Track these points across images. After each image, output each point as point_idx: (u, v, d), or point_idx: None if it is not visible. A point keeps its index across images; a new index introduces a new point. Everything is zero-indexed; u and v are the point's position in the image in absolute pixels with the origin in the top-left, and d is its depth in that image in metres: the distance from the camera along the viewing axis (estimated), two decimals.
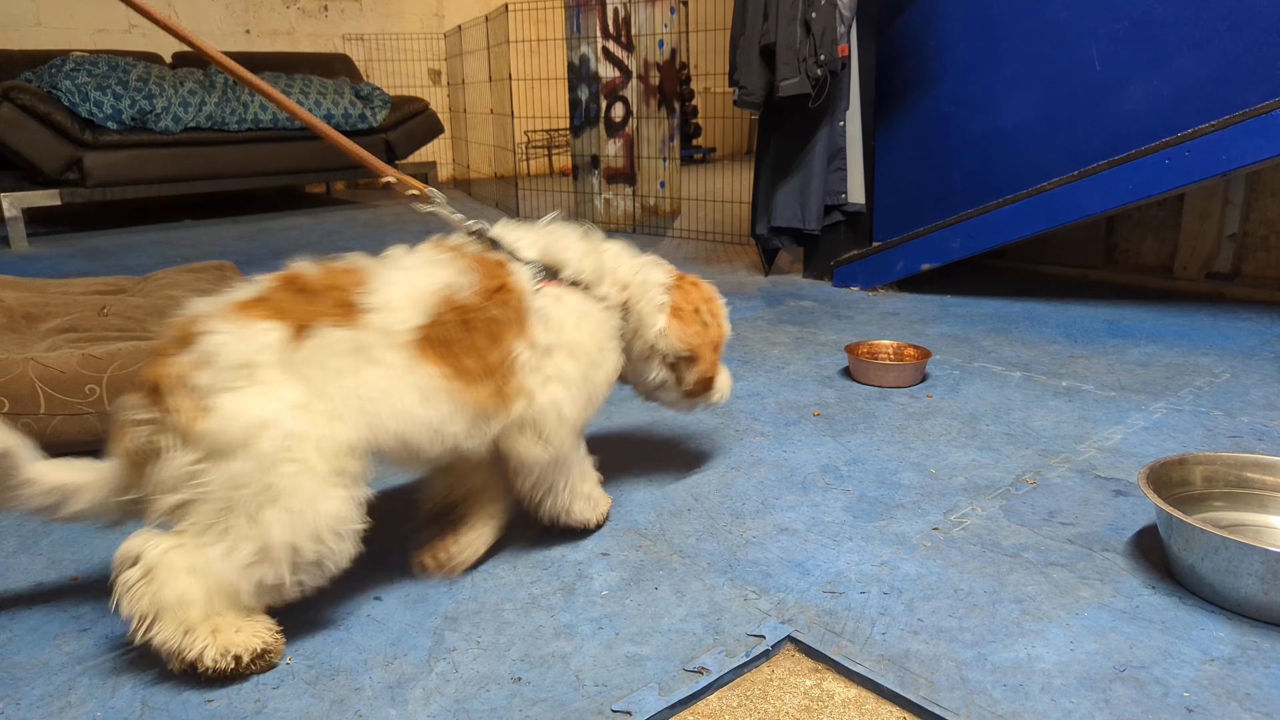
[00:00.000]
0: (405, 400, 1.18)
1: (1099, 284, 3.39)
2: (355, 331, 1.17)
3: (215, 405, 1.08)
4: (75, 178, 5.02)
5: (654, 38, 5.22)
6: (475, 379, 1.23)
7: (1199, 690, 1.08)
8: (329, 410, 1.13)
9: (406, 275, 1.24)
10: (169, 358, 1.12)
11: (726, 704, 1.10)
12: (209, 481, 1.08)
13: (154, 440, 1.10)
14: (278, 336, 1.13)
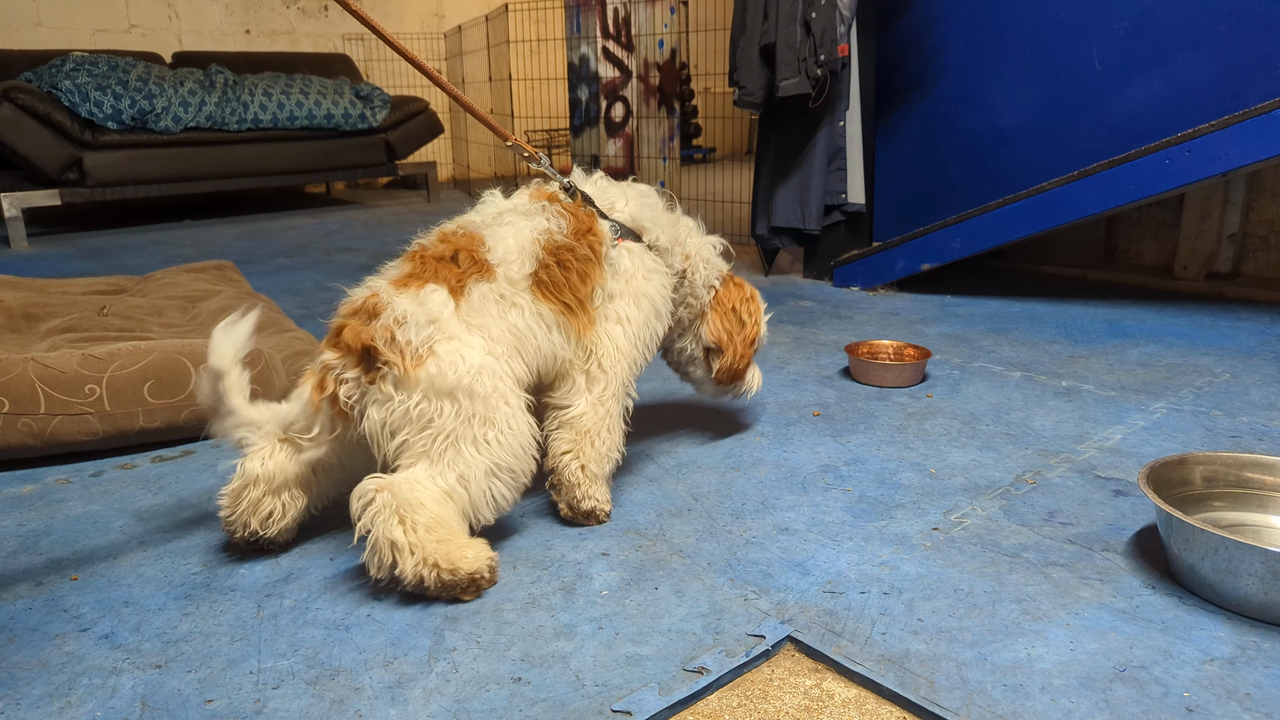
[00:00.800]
0: (539, 334, 1.43)
1: (1099, 284, 3.39)
2: (494, 284, 1.40)
3: (433, 353, 1.30)
4: (75, 178, 5.02)
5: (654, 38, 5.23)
6: (574, 310, 1.48)
7: (1199, 690, 1.08)
8: (503, 352, 1.38)
9: (512, 230, 1.46)
10: (361, 326, 1.33)
11: (726, 704, 1.10)
12: (436, 418, 1.30)
13: (364, 392, 1.32)
14: (445, 296, 1.35)
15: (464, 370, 1.30)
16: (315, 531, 1.54)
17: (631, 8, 5.04)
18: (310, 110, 5.81)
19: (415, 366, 1.29)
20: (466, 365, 1.31)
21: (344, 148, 6.07)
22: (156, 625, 1.26)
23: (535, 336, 1.43)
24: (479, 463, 1.31)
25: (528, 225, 1.47)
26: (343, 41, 7.58)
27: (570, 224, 1.50)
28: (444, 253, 1.41)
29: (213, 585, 1.37)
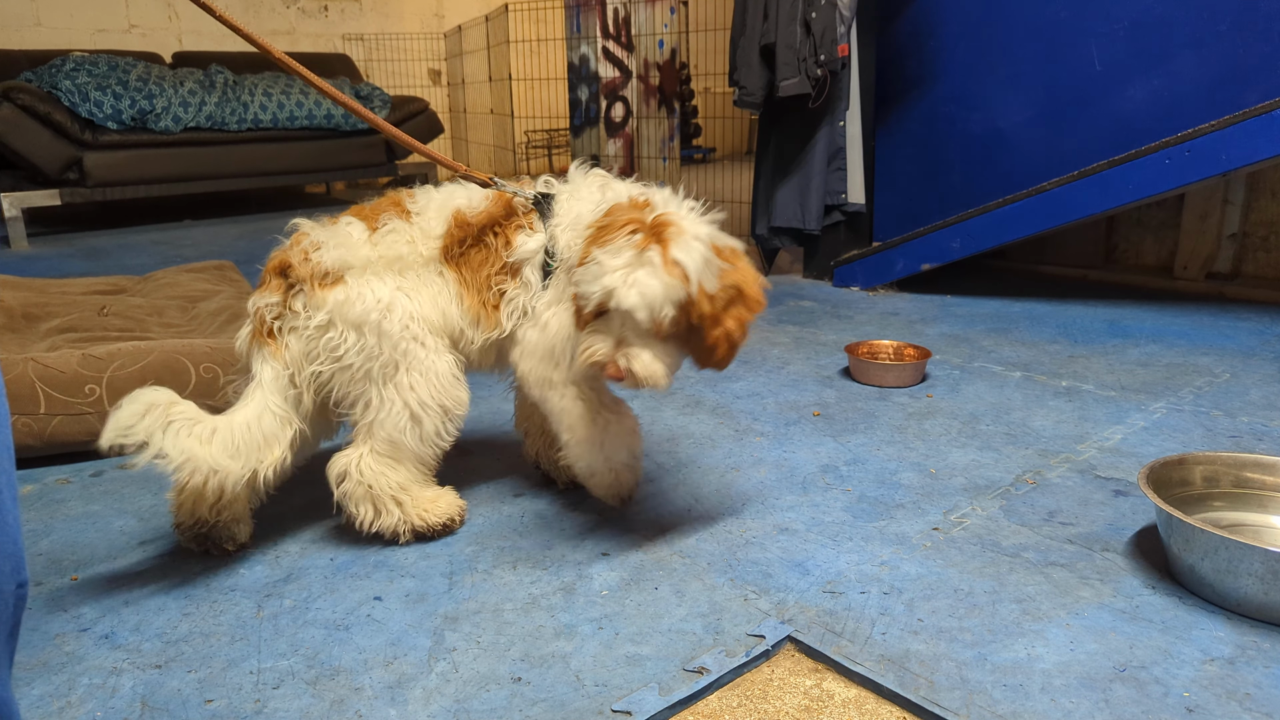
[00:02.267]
0: (439, 288, 1.46)
1: (1099, 284, 3.39)
2: (409, 225, 1.46)
3: (343, 281, 1.39)
4: (75, 178, 5.02)
5: (654, 38, 5.23)
6: (469, 287, 1.47)
7: (1199, 690, 1.08)
8: (414, 292, 1.42)
9: (438, 195, 1.51)
10: (282, 252, 1.43)
11: (726, 704, 1.10)
12: (344, 351, 1.37)
13: (283, 314, 1.40)
14: (361, 228, 1.46)
15: (371, 303, 1.37)
16: (315, 532, 1.54)
17: (631, 8, 5.04)
18: (310, 110, 5.81)
19: (323, 288, 1.38)
20: (375, 298, 1.38)
21: (344, 148, 6.07)
22: (156, 625, 1.26)
23: (436, 289, 1.46)
24: (400, 410, 1.40)
25: (454, 195, 1.51)
26: (343, 41, 7.58)
27: (488, 211, 1.49)
28: (377, 207, 1.52)
29: (213, 585, 1.37)
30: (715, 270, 1.24)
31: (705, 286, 1.23)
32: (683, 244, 1.22)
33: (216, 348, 2.02)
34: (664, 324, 1.23)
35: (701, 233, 1.26)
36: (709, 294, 1.24)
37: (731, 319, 1.28)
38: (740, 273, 1.29)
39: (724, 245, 1.30)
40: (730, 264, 1.28)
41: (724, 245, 1.30)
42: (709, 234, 1.28)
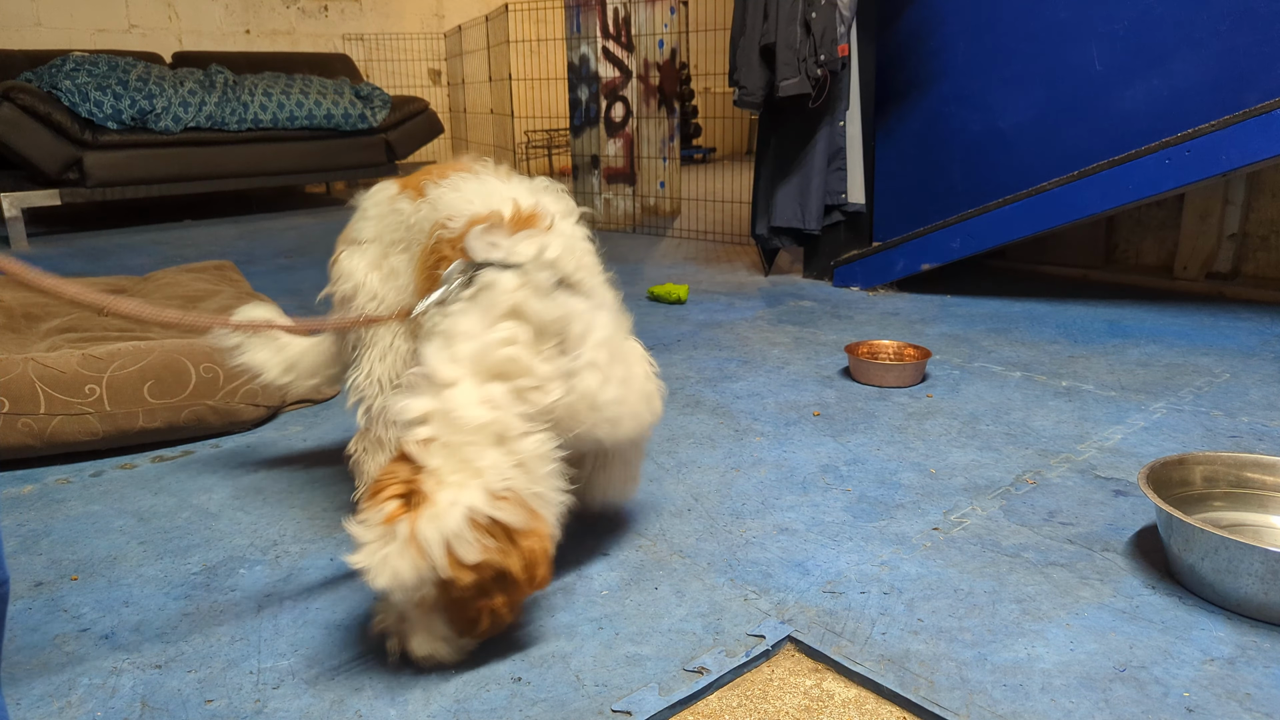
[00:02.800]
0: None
1: (1099, 284, 3.39)
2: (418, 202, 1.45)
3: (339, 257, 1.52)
4: (75, 178, 5.02)
5: (654, 38, 5.22)
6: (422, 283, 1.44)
7: (1199, 690, 1.08)
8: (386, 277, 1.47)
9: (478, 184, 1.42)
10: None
11: (726, 704, 1.10)
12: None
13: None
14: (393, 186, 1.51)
15: (345, 274, 1.48)
16: (315, 531, 1.54)
17: (631, 8, 5.04)
18: (310, 110, 5.81)
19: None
20: (345, 270, 1.48)
21: (344, 148, 6.07)
22: (156, 625, 1.26)
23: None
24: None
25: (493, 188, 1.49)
26: (343, 41, 7.58)
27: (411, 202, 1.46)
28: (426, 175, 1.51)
29: (213, 585, 1.37)
30: (472, 547, 1.02)
31: (459, 557, 1.02)
32: (434, 515, 1.01)
33: (217, 348, 2.02)
34: (427, 601, 1.06)
35: (469, 500, 1.03)
36: (465, 566, 1.03)
37: (499, 598, 1.07)
38: (512, 555, 1.05)
39: (503, 515, 1.05)
40: (503, 541, 1.05)
41: (503, 515, 1.05)
42: (482, 500, 1.04)
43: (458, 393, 1.09)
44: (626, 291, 3.44)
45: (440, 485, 1.04)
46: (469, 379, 1.10)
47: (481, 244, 1.19)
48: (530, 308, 1.14)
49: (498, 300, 1.13)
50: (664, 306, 3.19)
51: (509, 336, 1.12)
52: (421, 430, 1.08)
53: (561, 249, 1.21)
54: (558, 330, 1.15)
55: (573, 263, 1.22)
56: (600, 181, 5.17)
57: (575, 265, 1.22)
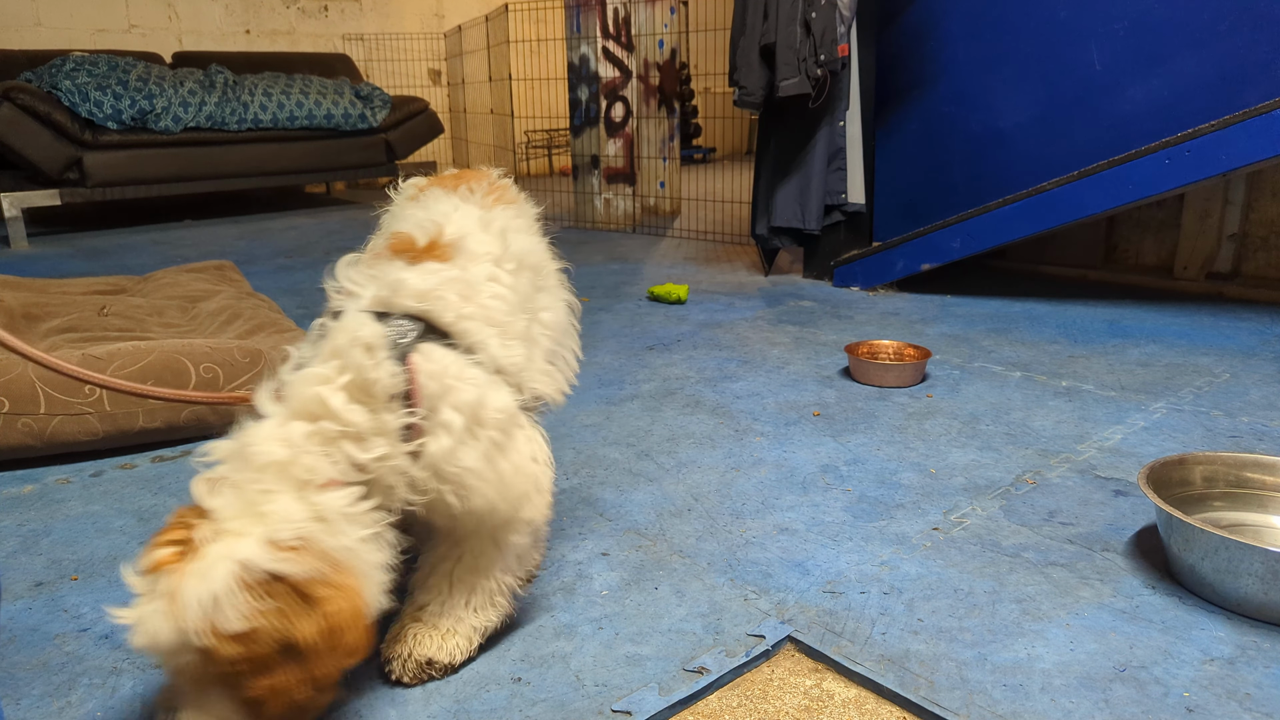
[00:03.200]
0: None
1: (1099, 284, 3.39)
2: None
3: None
4: (75, 178, 5.02)
5: (654, 37, 5.22)
6: None
7: (1199, 690, 1.08)
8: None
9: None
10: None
11: (726, 704, 1.10)
12: None
13: None
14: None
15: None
16: None
17: (631, 8, 5.04)
18: (310, 110, 5.81)
19: None
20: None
21: (344, 148, 6.07)
22: None
23: None
24: None
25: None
26: (343, 41, 7.58)
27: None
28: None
29: None
30: (235, 613, 0.82)
31: (220, 627, 0.82)
32: (198, 571, 0.83)
33: (216, 348, 2.02)
34: (194, 673, 0.86)
35: (242, 553, 0.85)
36: (230, 636, 0.83)
37: (288, 674, 0.86)
38: (303, 621, 0.85)
39: (289, 570, 0.85)
40: (288, 603, 0.85)
41: (289, 570, 0.85)
42: (258, 553, 0.85)
43: (259, 426, 0.95)
44: (627, 291, 3.44)
45: (216, 534, 0.86)
46: (279, 415, 0.96)
47: (343, 275, 1.09)
48: (356, 353, 0.97)
49: (330, 337, 1.00)
50: (664, 306, 3.19)
51: (323, 375, 0.97)
52: (217, 466, 0.94)
53: (449, 293, 1.06)
54: (389, 388, 0.97)
55: (457, 312, 1.06)
56: (600, 181, 5.17)
57: (460, 315, 1.06)
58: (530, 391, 1.15)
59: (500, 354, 1.09)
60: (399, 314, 1.04)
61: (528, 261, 1.23)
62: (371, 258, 1.13)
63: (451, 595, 1.13)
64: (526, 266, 1.22)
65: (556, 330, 1.29)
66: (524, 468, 1.09)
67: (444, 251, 1.12)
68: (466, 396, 1.02)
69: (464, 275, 1.10)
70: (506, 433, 1.07)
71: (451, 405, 1.00)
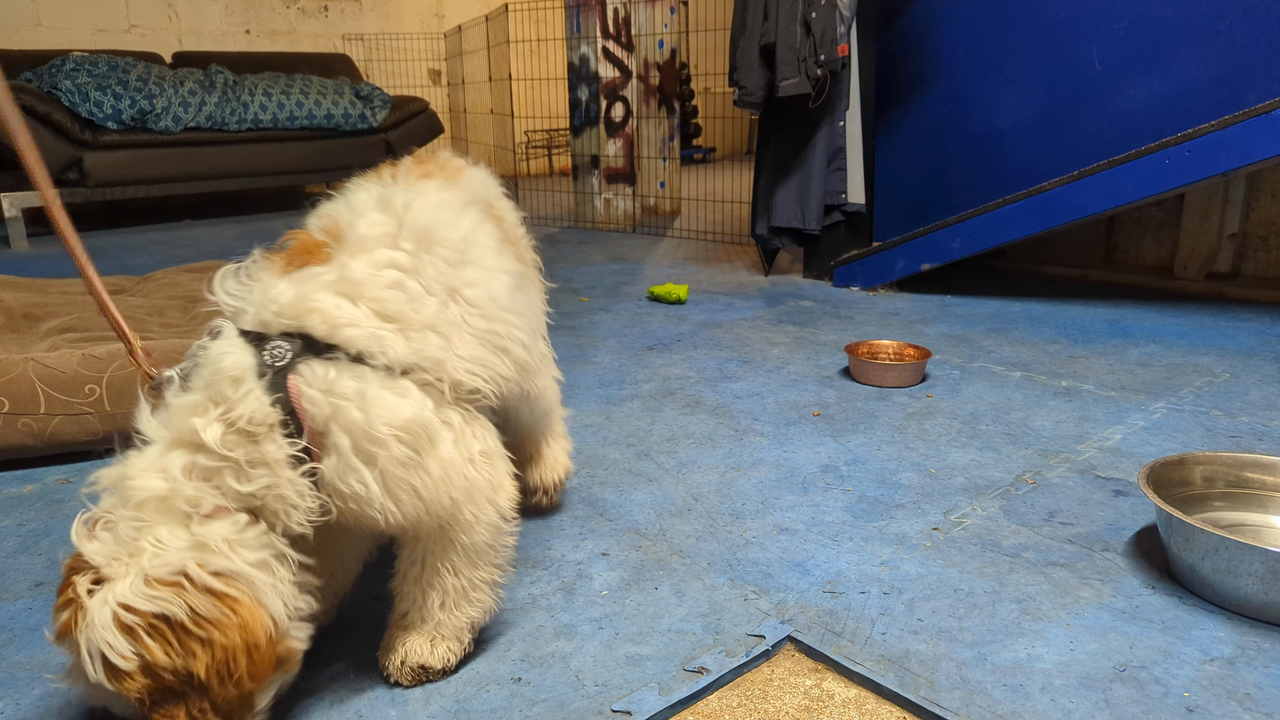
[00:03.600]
0: None
1: (1099, 284, 3.39)
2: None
3: None
4: (75, 177, 5.02)
5: (654, 38, 5.22)
6: None
7: (1199, 690, 1.08)
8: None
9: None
10: None
11: (726, 704, 1.10)
12: None
13: None
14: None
15: None
16: None
17: (631, 8, 5.04)
18: (310, 110, 5.81)
19: None
20: None
21: (344, 148, 6.07)
22: None
23: None
24: None
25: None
26: (343, 41, 7.58)
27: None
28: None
29: None
30: (127, 654, 0.82)
31: (116, 670, 0.83)
32: (88, 624, 0.83)
33: None
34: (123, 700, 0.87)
35: (117, 595, 0.83)
36: (129, 674, 0.83)
37: (195, 703, 0.87)
38: (197, 654, 0.84)
39: (168, 608, 0.83)
40: (174, 637, 0.84)
41: (168, 608, 0.83)
42: (133, 592, 0.83)
43: (140, 456, 0.91)
44: (627, 291, 3.44)
45: (97, 580, 0.85)
46: (160, 443, 0.92)
47: (220, 290, 1.03)
48: (223, 386, 0.92)
49: (201, 366, 0.95)
50: (664, 306, 3.19)
51: (198, 405, 0.92)
52: (99, 503, 0.91)
53: (323, 300, 0.97)
54: (266, 418, 0.92)
55: (332, 321, 0.96)
56: (600, 181, 5.17)
57: (337, 324, 0.96)
58: (453, 384, 1.03)
59: (403, 351, 0.98)
60: (276, 334, 0.95)
61: (437, 235, 1.07)
62: (258, 264, 1.04)
63: (425, 600, 1.10)
64: (437, 241, 1.07)
65: (491, 307, 1.10)
66: (454, 472, 1.01)
67: (325, 250, 1.03)
68: (352, 416, 0.94)
69: (344, 273, 0.99)
70: (415, 443, 0.97)
71: (341, 426, 0.94)
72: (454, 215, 1.12)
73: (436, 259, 1.06)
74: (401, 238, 1.05)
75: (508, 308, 1.13)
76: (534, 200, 6.24)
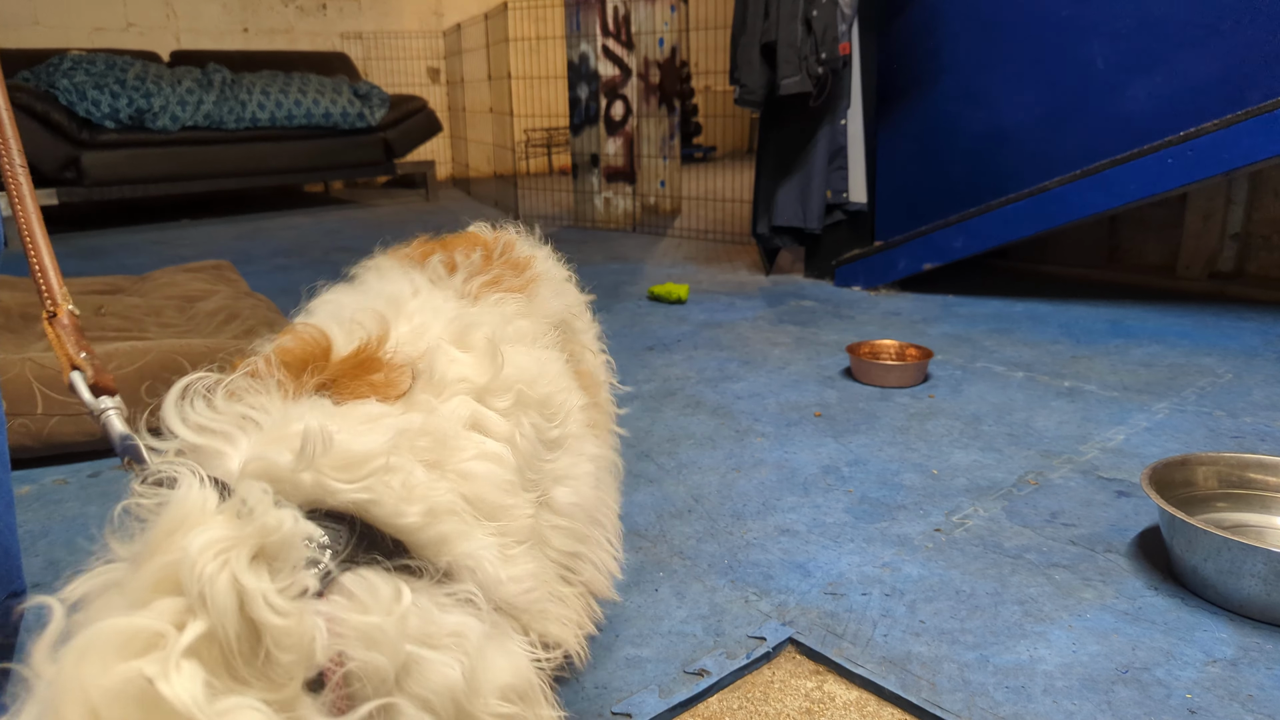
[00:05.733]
0: None
1: (1101, 284, 3.38)
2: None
3: None
4: (73, 177, 5.01)
5: (654, 35, 5.21)
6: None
7: (1201, 692, 1.07)
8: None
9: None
10: None
11: (727, 706, 1.09)
12: None
13: None
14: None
15: None
16: None
17: (631, 5, 5.03)
18: (308, 109, 5.80)
19: None
20: None
21: (342, 147, 6.06)
22: None
23: None
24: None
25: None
26: (341, 40, 7.57)
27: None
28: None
29: None
30: None
31: None
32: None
33: (214, 348, 2.01)
34: None
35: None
36: None
37: None
38: None
39: None
40: None
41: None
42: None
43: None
44: (627, 291, 3.44)
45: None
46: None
47: (185, 418, 0.62)
48: (193, 585, 0.49)
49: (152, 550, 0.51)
50: (664, 306, 3.18)
51: (143, 632, 0.49)
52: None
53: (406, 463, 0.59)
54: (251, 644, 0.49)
55: (425, 502, 0.59)
56: (600, 180, 5.17)
57: (430, 508, 0.59)
58: (539, 636, 0.68)
59: (500, 576, 0.62)
60: (305, 506, 0.55)
61: (535, 393, 0.73)
62: (249, 376, 0.65)
63: None
64: (532, 403, 0.72)
65: (579, 518, 0.77)
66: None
67: (389, 374, 0.65)
68: (445, 677, 0.54)
69: (428, 423, 0.62)
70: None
71: (416, 693, 0.53)
72: (551, 361, 0.77)
73: (528, 430, 0.70)
74: (496, 390, 0.68)
75: (593, 520, 0.80)
76: (534, 199, 6.23)
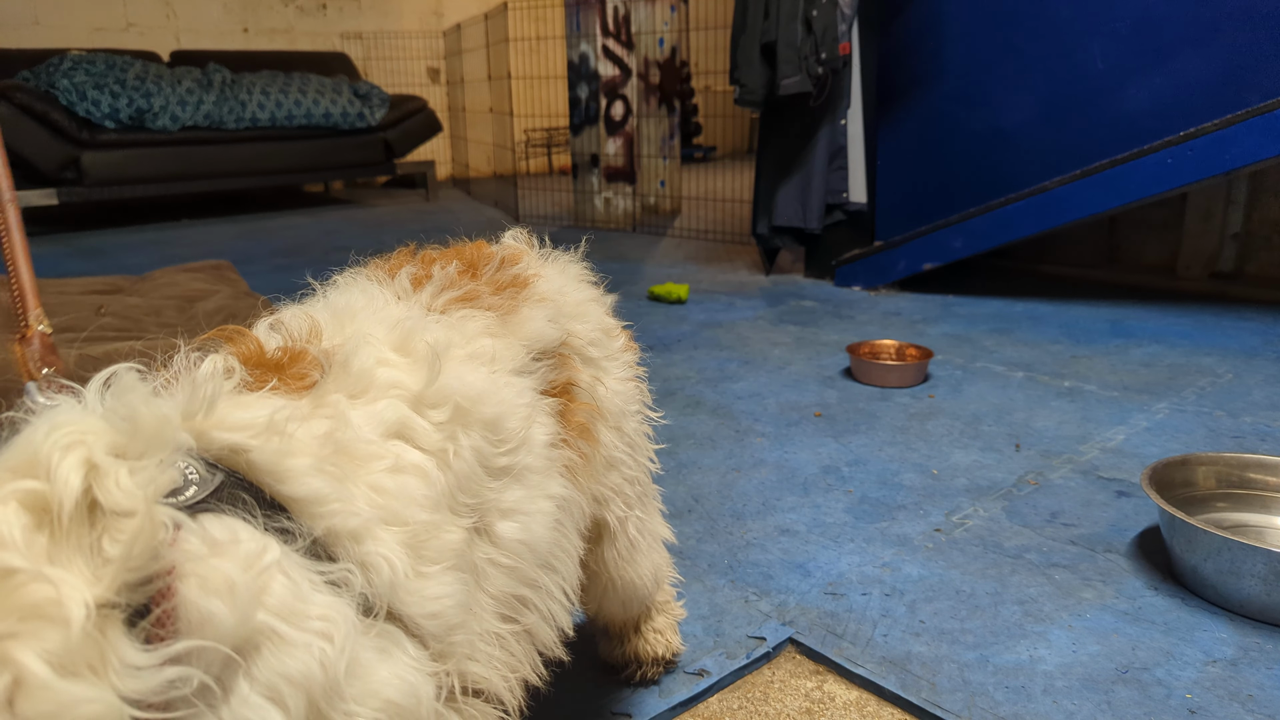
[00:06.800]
0: None
1: (1101, 284, 3.38)
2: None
3: None
4: (72, 177, 5.01)
5: (654, 36, 5.21)
6: None
7: (1201, 692, 1.07)
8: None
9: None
10: None
11: (727, 706, 1.09)
12: None
13: None
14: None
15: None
16: None
17: (631, 5, 5.03)
18: (308, 109, 5.80)
19: None
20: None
21: (342, 146, 6.06)
22: None
23: None
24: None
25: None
26: (341, 40, 7.57)
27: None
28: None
29: None
30: None
31: None
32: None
33: None
34: None
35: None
36: None
37: None
38: None
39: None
40: None
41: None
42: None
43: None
44: (627, 291, 3.43)
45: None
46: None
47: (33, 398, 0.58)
48: (42, 457, 0.43)
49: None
50: (664, 306, 3.18)
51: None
52: None
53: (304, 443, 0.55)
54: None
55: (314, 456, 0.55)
56: (600, 180, 5.17)
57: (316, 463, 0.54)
58: (458, 677, 0.60)
59: (401, 582, 0.55)
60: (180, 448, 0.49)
61: (480, 412, 0.66)
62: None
63: None
64: (475, 421, 0.65)
65: (526, 559, 0.69)
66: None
67: (297, 366, 0.63)
68: (301, 663, 0.46)
69: (335, 429, 0.57)
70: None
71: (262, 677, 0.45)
72: (505, 389, 0.71)
73: (468, 450, 0.64)
74: (430, 400, 0.62)
75: (545, 560, 0.73)
76: (534, 199, 6.23)
